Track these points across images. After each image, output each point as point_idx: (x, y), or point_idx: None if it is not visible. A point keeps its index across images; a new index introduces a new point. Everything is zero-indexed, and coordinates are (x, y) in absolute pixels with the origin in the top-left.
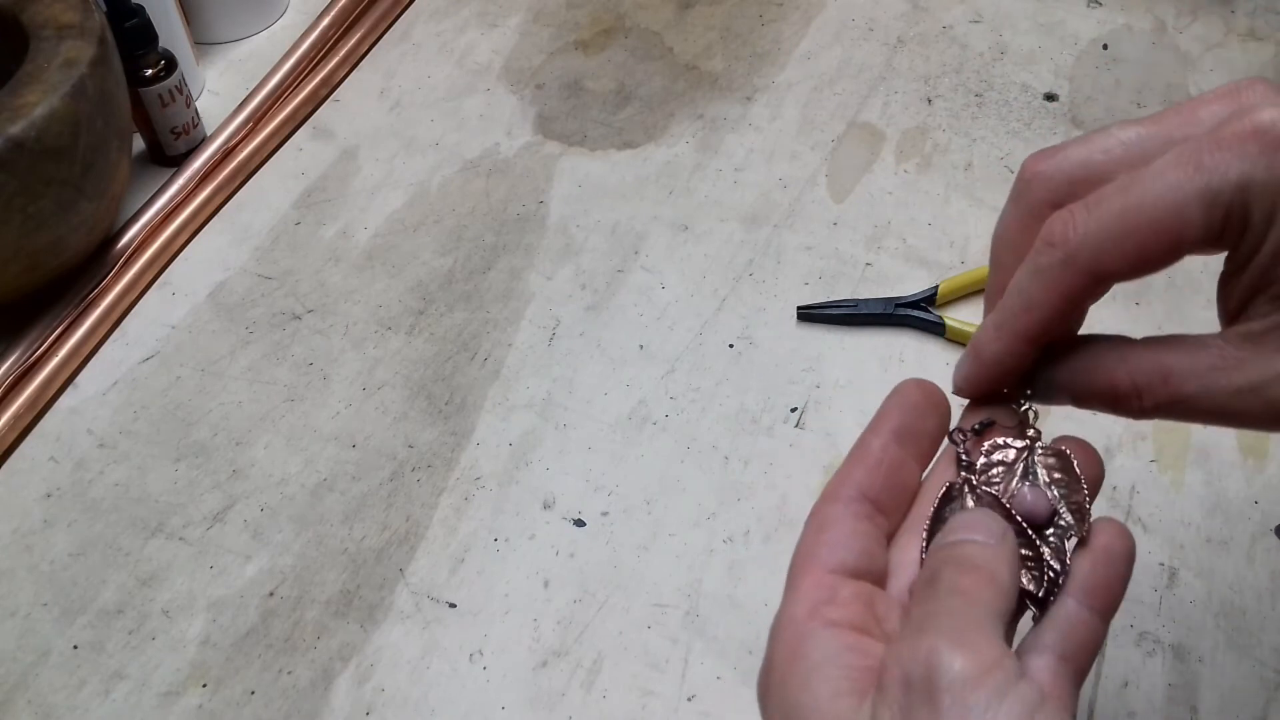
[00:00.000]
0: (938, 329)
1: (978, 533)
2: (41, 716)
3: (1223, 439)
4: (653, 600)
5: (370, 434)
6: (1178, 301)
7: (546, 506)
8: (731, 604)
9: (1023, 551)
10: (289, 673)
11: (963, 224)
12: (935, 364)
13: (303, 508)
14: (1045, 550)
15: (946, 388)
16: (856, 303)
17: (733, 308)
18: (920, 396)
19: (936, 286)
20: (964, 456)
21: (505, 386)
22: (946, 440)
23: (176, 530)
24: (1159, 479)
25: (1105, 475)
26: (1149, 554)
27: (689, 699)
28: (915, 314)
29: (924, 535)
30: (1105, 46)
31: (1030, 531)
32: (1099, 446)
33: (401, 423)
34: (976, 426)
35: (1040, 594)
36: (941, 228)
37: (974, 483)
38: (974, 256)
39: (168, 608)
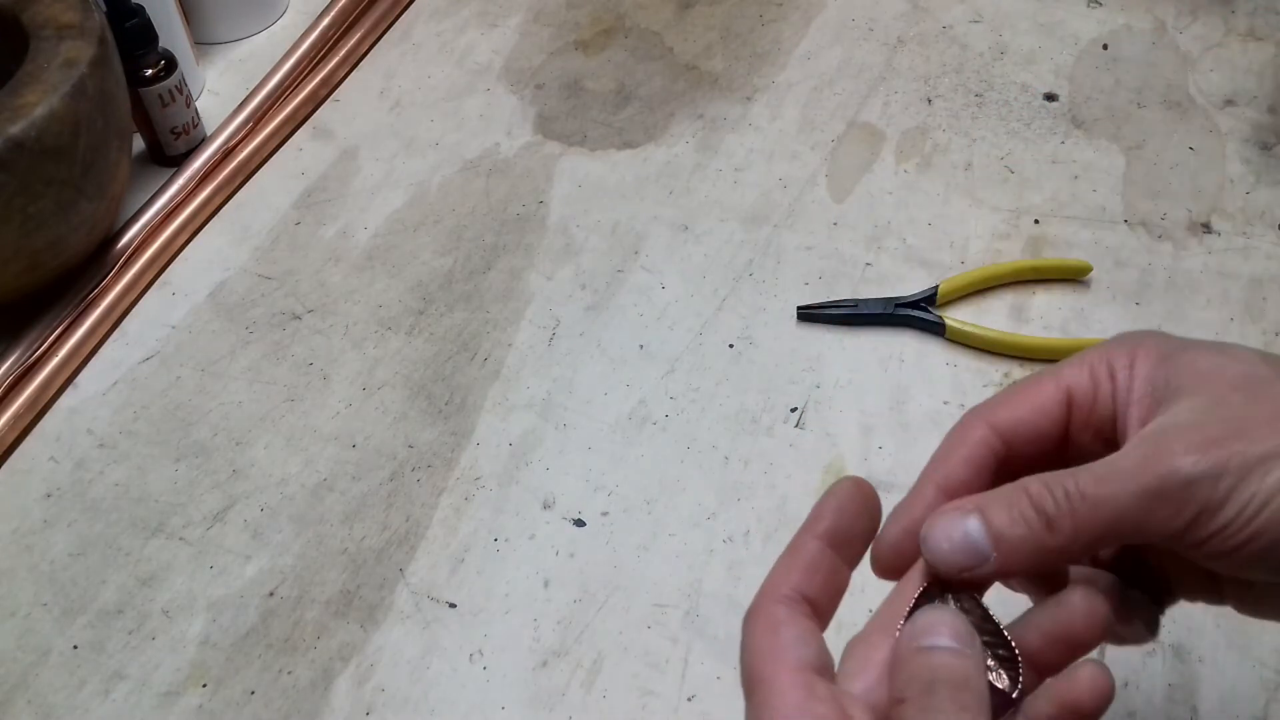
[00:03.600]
0: (938, 329)
1: (948, 638)
2: (41, 716)
3: None
4: (653, 600)
5: (370, 434)
6: (1178, 301)
7: (546, 506)
8: (731, 604)
9: (997, 652)
10: (289, 673)
11: (963, 224)
12: (935, 364)
13: (303, 508)
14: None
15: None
16: (856, 303)
17: (733, 308)
18: (856, 498)
19: (936, 286)
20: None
21: (505, 386)
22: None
23: (176, 530)
24: None
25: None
26: None
27: (689, 699)
28: (915, 314)
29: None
30: (1105, 46)
31: (999, 626)
32: None
33: (401, 423)
34: None
35: (1014, 694)
36: (941, 228)
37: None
38: (974, 256)
39: (168, 608)
